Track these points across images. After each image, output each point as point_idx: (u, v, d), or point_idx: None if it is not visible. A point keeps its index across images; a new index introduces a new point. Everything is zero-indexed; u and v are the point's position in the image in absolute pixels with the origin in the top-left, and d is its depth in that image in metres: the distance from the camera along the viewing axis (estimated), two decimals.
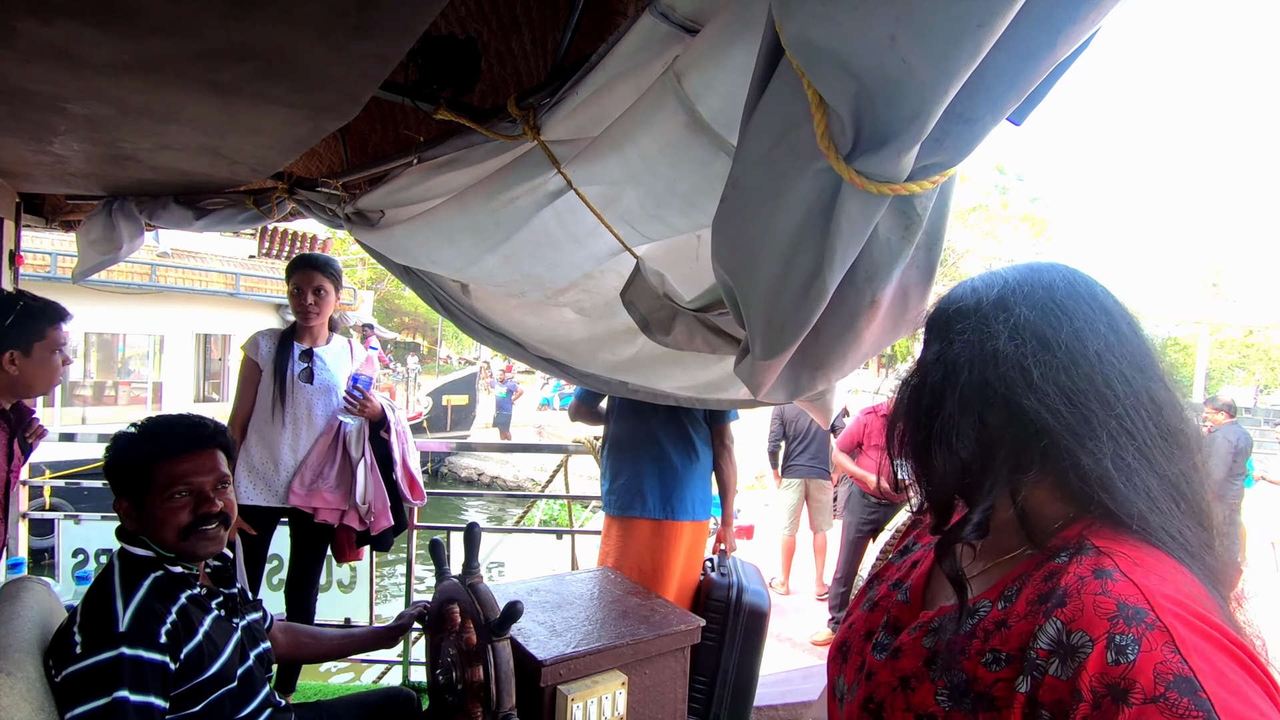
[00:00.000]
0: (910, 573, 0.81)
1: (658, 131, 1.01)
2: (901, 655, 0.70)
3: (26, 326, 1.93)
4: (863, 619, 0.82)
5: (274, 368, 2.48)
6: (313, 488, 2.45)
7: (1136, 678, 0.50)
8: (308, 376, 2.52)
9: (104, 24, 1.14)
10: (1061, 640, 0.55)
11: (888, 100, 0.51)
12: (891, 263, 0.70)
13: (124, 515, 1.37)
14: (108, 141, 1.85)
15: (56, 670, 1.21)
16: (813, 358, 0.92)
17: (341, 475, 2.47)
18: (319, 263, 2.54)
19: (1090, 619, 0.54)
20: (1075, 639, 0.54)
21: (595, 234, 1.42)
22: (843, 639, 0.83)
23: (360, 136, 2.14)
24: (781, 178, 0.65)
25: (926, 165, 0.58)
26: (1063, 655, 0.54)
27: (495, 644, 1.47)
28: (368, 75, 1.32)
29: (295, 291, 2.50)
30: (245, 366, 2.51)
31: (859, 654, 0.78)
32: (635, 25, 0.97)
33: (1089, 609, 0.55)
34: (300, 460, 2.46)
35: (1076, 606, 0.55)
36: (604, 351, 2.10)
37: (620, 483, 2.48)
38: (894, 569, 0.86)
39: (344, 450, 2.48)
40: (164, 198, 2.50)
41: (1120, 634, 0.52)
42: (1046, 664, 0.55)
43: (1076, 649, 0.53)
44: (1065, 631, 0.55)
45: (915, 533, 0.89)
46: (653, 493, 2.43)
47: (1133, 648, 0.51)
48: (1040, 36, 0.47)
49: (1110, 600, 0.54)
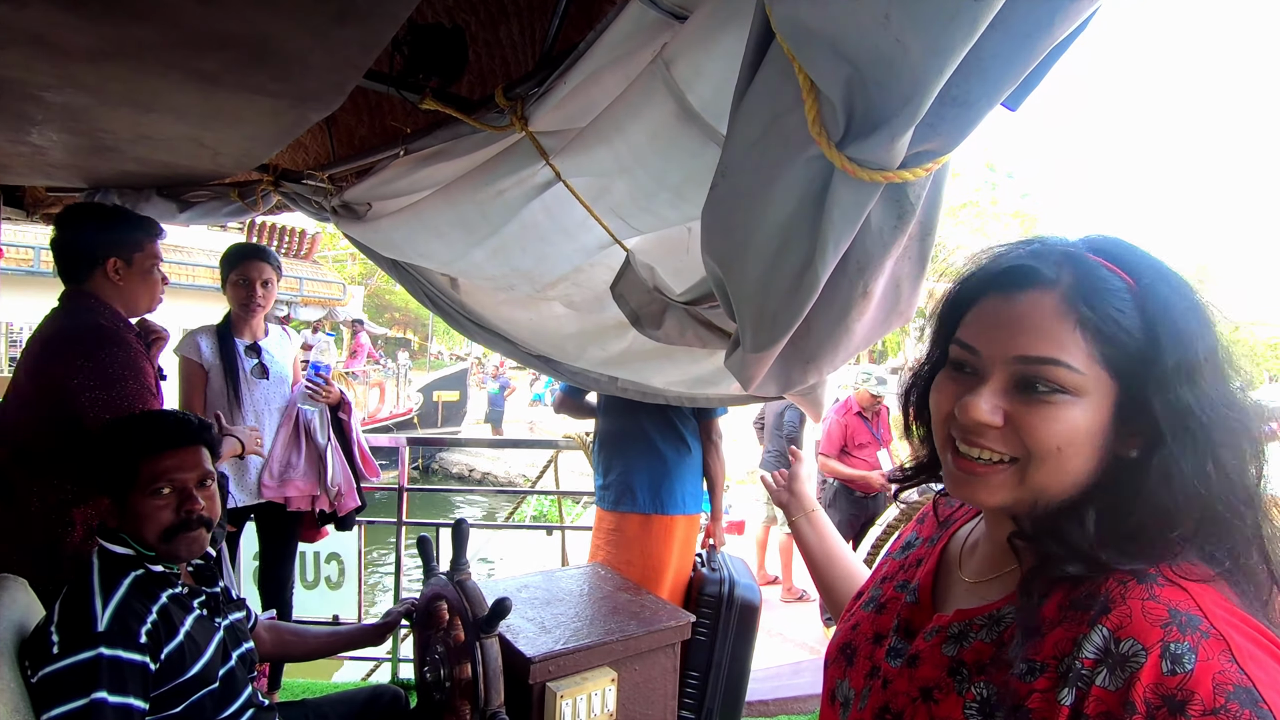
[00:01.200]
0: (915, 571, 0.77)
1: (647, 121, 0.99)
2: (920, 663, 0.66)
3: (124, 235, 1.89)
4: (869, 620, 0.77)
5: (223, 368, 2.41)
6: (284, 478, 2.46)
7: (1195, 689, 0.48)
8: (261, 372, 2.48)
9: (79, 9, 1.11)
10: (1110, 649, 0.52)
11: (880, 83, 0.50)
12: (884, 253, 0.68)
13: (105, 512, 1.34)
14: (88, 132, 1.81)
15: (33, 671, 1.18)
16: (804, 350, 0.91)
17: (310, 462, 2.50)
18: (266, 253, 2.50)
19: (1141, 626, 0.51)
20: (1126, 648, 0.51)
21: (585, 226, 1.40)
22: (845, 640, 0.78)
23: (346, 128, 2.11)
24: (772, 166, 0.63)
25: (920, 152, 0.57)
26: (1111, 665, 0.51)
27: (483, 641, 1.45)
28: (351, 63, 1.29)
29: (241, 282, 2.44)
30: (187, 368, 2.41)
31: (868, 658, 0.73)
32: (623, 12, 0.95)
33: (1138, 615, 0.52)
34: (266, 454, 2.44)
35: (1123, 613, 0.53)
36: (594, 347, 2.09)
37: (612, 478, 2.49)
38: (897, 566, 0.82)
39: (308, 437, 2.51)
40: (146, 190, 2.45)
41: (1175, 642, 0.50)
42: (1093, 674, 0.52)
43: (1128, 658, 0.51)
44: (1114, 640, 0.52)
45: (918, 528, 0.86)
46: (643, 487, 2.44)
47: (1189, 657, 0.49)
48: (1037, 15, 0.46)
49: (1160, 606, 0.52)
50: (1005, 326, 0.60)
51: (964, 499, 0.66)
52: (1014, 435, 0.60)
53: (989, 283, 0.64)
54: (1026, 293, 0.60)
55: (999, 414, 0.60)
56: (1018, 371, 0.60)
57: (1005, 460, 0.60)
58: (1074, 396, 0.58)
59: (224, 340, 2.45)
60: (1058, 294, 0.59)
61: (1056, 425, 0.58)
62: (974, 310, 0.64)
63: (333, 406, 2.56)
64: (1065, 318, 0.58)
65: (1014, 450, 0.60)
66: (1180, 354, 0.57)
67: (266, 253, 2.52)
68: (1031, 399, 0.59)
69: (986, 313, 0.63)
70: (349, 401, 2.63)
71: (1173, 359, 0.57)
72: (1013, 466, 0.60)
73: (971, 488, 0.63)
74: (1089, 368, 0.58)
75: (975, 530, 0.75)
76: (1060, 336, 0.58)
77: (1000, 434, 0.60)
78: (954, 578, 0.73)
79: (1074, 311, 0.58)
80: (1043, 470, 0.59)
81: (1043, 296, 0.59)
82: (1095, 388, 0.58)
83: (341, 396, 2.58)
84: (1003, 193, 22.30)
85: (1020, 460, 0.60)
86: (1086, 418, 0.58)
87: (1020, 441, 0.59)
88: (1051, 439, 0.58)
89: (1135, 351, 0.58)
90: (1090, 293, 0.58)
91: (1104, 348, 0.58)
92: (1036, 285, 0.60)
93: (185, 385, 2.42)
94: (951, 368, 0.65)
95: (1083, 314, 0.58)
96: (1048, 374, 0.58)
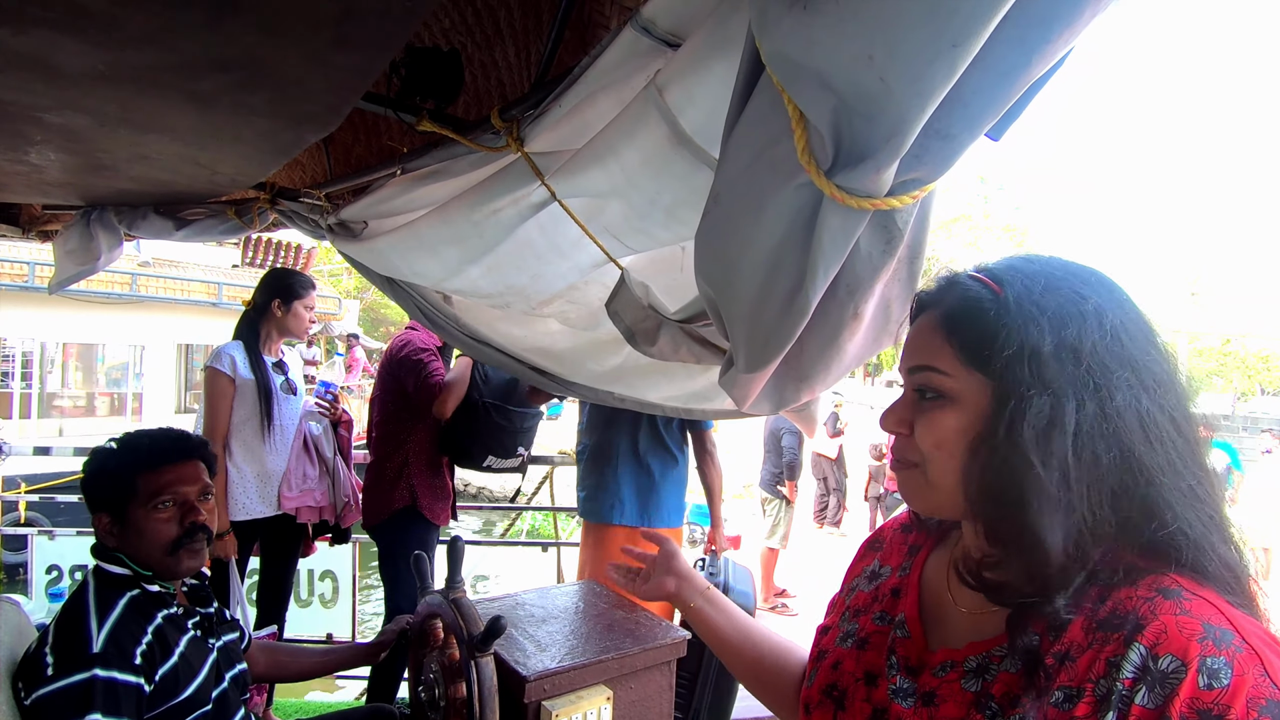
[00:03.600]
0: (895, 603, 0.76)
1: (640, 145, 1.01)
2: (940, 702, 0.64)
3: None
4: (853, 657, 0.75)
5: (256, 384, 2.52)
6: (301, 490, 2.58)
7: (1230, 703, 0.49)
8: (289, 389, 2.64)
9: (79, 34, 1.13)
10: (1148, 666, 0.52)
11: (866, 117, 0.51)
12: (873, 276, 0.70)
13: (103, 531, 1.34)
14: (85, 151, 1.82)
15: (27, 693, 1.18)
16: (797, 370, 0.92)
17: (322, 475, 2.64)
18: (314, 282, 2.73)
19: (1178, 641, 0.52)
20: (1165, 664, 0.51)
21: (579, 245, 1.41)
22: (828, 681, 0.76)
23: (344, 147, 2.12)
24: (763, 192, 0.65)
25: (906, 180, 0.58)
26: (1150, 683, 0.51)
27: (478, 660, 1.45)
28: (348, 87, 1.31)
29: (303, 311, 2.63)
30: (220, 383, 2.51)
31: (865, 700, 0.71)
32: (617, 39, 0.97)
33: (1173, 631, 0.52)
34: (284, 467, 2.57)
35: (1158, 629, 0.53)
36: (590, 362, 2.10)
37: (596, 490, 2.52)
38: (868, 597, 0.80)
39: (317, 452, 2.65)
40: (143, 208, 2.46)
41: (1211, 657, 0.50)
42: (1133, 693, 0.52)
43: (1168, 675, 0.51)
44: (1151, 656, 0.52)
45: (878, 555, 0.85)
46: (629, 500, 2.47)
47: (1225, 672, 0.50)
48: (1015, 56, 0.47)
49: (1194, 621, 0.52)
50: (906, 346, 0.70)
51: (907, 503, 0.73)
52: (914, 441, 0.67)
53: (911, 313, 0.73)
54: (920, 317, 0.70)
55: (905, 424, 0.67)
56: (912, 384, 0.67)
57: (916, 465, 0.67)
58: (949, 399, 0.64)
59: (254, 357, 2.57)
60: (937, 312, 0.67)
61: (932, 426, 0.65)
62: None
63: (334, 423, 2.72)
64: (937, 329, 0.66)
65: (914, 455, 0.67)
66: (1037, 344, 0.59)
67: (314, 281, 2.75)
68: (920, 405, 0.66)
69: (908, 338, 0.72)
70: (350, 418, 2.78)
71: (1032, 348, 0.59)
72: (918, 470, 0.67)
73: (903, 492, 0.70)
74: (956, 370, 0.64)
75: (955, 555, 0.74)
76: (933, 346, 0.65)
77: (908, 442, 0.67)
78: (946, 608, 0.72)
79: (945, 320, 0.66)
80: (931, 469, 0.65)
81: (927, 317, 0.68)
82: (967, 390, 0.63)
83: (344, 414, 2.75)
84: (995, 206, 22.51)
85: (919, 464, 0.66)
86: (959, 416, 0.63)
87: (916, 445, 0.66)
88: (930, 439, 0.65)
89: (999, 351, 0.60)
90: (957, 305, 0.65)
91: (969, 351, 0.63)
92: (926, 309, 0.69)
93: (216, 398, 2.50)
94: None
95: (952, 322, 0.65)
96: (925, 380, 0.66)
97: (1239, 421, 19.39)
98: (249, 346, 2.57)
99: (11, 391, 9.86)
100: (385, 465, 2.61)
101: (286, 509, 2.56)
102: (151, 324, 9.94)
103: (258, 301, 2.61)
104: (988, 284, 0.64)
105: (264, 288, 2.65)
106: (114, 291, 9.30)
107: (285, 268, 2.39)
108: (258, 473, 2.51)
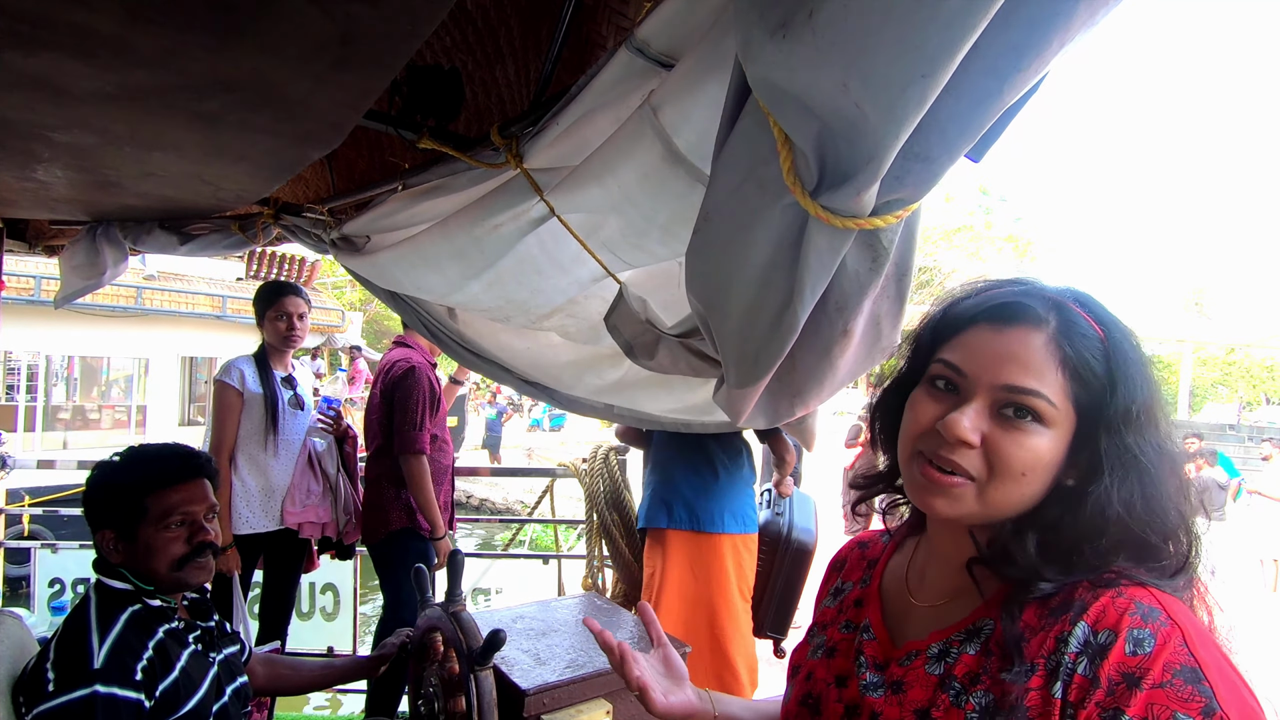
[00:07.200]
0: (859, 611, 0.80)
1: (637, 162, 1.03)
2: (907, 687, 0.68)
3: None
4: (823, 666, 0.79)
5: (264, 399, 2.53)
6: (304, 505, 2.57)
7: (1150, 666, 0.55)
8: (297, 404, 2.63)
9: (88, 56, 1.15)
10: (1089, 640, 0.58)
11: (846, 140, 0.53)
12: (861, 294, 0.71)
13: (107, 548, 1.33)
14: (92, 169, 1.85)
15: (27, 708, 1.18)
16: (790, 385, 0.93)
17: (325, 491, 2.62)
18: (299, 289, 2.67)
19: (1114, 617, 0.58)
20: (1103, 638, 0.58)
21: (579, 260, 1.43)
22: (804, 692, 0.79)
23: (346, 163, 2.15)
24: (751, 212, 0.66)
25: (890, 201, 0.60)
26: (1091, 654, 0.58)
27: (478, 673, 1.45)
28: (351, 106, 1.33)
29: (279, 317, 2.58)
30: (228, 396, 2.52)
31: (838, 701, 0.75)
32: (612, 59, 0.99)
33: (1111, 609, 0.59)
34: (289, 482, 2.56)
35: (1099, 608, 0.59)
36: (590, 375, 2.11)
37: (660, 494, 2.55)
38: (833, 613, 0.84)
39: (321, 468, 2.63)
40: (149, 223, 2.49)
41: (1138, 629, 0.57)
42: (1076, 665, 0.58)
43: (1105, 647, 0.57)
44: (1092, 632, 0.59)
45: (840, 575, 0.89)
46: (692, 504, 2.50)
47: (1149, 641, 0.56)
48: (988, 83, 0.49)
49: (1127, 600, 0.59)
50: (995, 355, 0.65)
51: (923, 506, 0.69)
52: (983, 456, 0.64)
53: (980, 313, 0.68)
54: (1016, 328, 0.65)
55: (978, 434, 0.64)
56: (1002, 398, 0.64)
57: (969, 477, 0.65)
58: (1045, 427, 0.64)
59: (264, 371, 2.57)
60: (1046, 333, 0.65)
61: (1026, 452, 0.63)
62: (962, 336, 0.69)
63: (339, 439, 2.70)
64: (1051, 356, 0.64)
65: (978, 470, 0.65)
66: (1129, 401, 0.64)
67: (299, 289, 2.70)
68: (1009, 425, 0.64)
69: (976, 340, 0.67)
70: (355, 435, 2.76)
71: (1124, 405, 0.63)
72: (973, 484, 0.65)
73: (933, 496, 0.67)
74: (1062, 403, 0.64)
75: (914, 559, 0.79)
76: (1044, 372, 0.64)
77: (973, 453, 0.65)
78: (906, 606, 0.76)
79: (1059, 351, 0.64)
80: (1002, 490, 0.64)
81: (1032, 334, 0.65)
82: (1062, 422, 0.64)
83: (349, 430, 2.73)
84: (997, 217, 22.52)
85: (979, 480, 0.65)
86: (1051, 448, 0.64)
87: (987, 463, 0.64)
88: (1019, 463, 0.64)
89: (1097, 395, 0.64)
90: (1073, 337, 0.65)
91: (1075, 387, 0.64)
92: (1027, 322, 0.65)
93: (223, 411, 2.50)
94: (929, 384, 0.70)
95: (1065, 354, 0.64)
96: (1029, 403, 0.63)
97: (1245, 431, 19.25)
98: (259, 360, 2.59)
99: (16, 405, 9.91)
100: (382, 484, 2.59)
101: (289, 524, 2.55)
102: (156, 337, 9.99)
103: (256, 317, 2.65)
104: (1091, 324, 0.66)
105: (253, 304, 2.68)
106: (119, 305, 9.34)
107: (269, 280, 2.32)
108: (262, 487, 2.51)
